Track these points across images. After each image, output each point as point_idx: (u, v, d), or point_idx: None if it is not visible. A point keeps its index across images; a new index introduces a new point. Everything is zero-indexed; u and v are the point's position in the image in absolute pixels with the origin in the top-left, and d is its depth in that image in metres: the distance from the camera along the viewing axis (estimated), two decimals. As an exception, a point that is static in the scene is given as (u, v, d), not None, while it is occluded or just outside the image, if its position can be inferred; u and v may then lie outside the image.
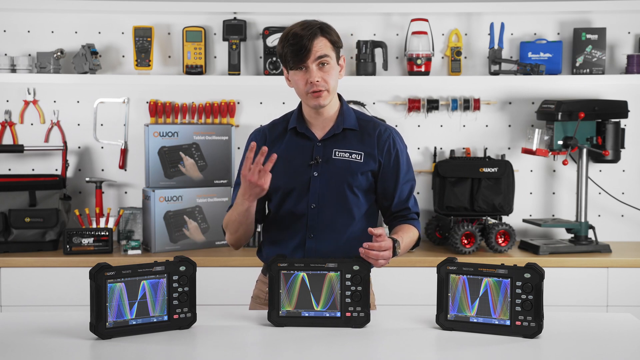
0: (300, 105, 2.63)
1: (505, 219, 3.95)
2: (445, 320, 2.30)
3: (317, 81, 2.47)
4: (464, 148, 4.02)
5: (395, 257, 2.42)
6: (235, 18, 3.90)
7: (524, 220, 3.96)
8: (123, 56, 3.98)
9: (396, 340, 2.23)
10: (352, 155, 2.57)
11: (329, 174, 2.55)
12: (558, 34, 4.00)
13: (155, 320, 2.27)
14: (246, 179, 2.41)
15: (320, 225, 2.55)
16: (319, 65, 2.48)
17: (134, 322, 2.25)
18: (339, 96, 2.62)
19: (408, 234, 2.54)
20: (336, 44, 2.52)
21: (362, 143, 2.58)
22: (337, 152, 2.57)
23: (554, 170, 4.06)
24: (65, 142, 3.94)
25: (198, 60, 3.87)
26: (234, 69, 3.89)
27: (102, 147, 4.01)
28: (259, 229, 3.79)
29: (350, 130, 2.59)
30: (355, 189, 2.56)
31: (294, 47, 2.45)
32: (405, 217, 2.63)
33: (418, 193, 2.64)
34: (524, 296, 2.23)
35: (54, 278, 3.57)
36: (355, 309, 2.31)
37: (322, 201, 2.55)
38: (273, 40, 3.85)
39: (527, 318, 2.23)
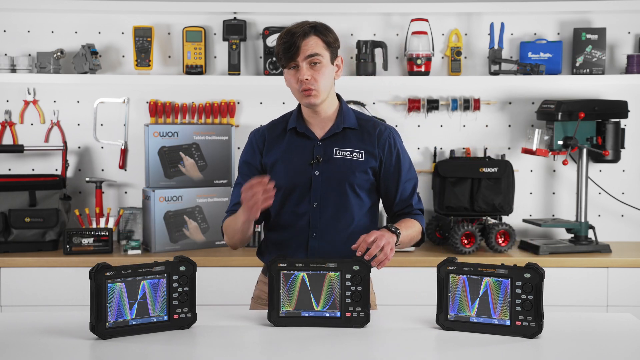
0: (299, 105, 2.64)
1: (505, 219, 3.95)
2: (445, 320, 2.30)
3: (307, 79, 2.49)
4: (464, 148, 4.02)
5: (398, 245, 2.45)
6: (235, 18, 3.90)
7: (524, 220, 3.96)
8: (123, 56, 3.97)
9: (396, 340, 2.23)
10: (353, 154, 2.58)
11: (331, 173, 2.56)
12: (558, 34, 4.00)
13: (155, 320, 2.27)
14: (249, 202, 2.39)
15: (323, 224, 2.56)
16: (310, 64, 2.49)
17: (134, 322, 2.24)
18: (338, 96, 2.64)
19: (407, 224, 2.56)
20: (330, 44, 2.53)
21: (362, 142, 2.59)
22: (337, 151, 2.58)
23: (554, 170, 4.06)
24: (65, 142, 3.93)
25: (198, 60, 3.87)
26: (234, 69, 3.88)
27: (102, 147, 4.01)
28: (258, 229, 3.82)
29: (350, 129, 2.60)
30: (356, 188, 2.58)
31: (285, 45, 2.48)
32: (408, 213, 2.64)
33: (418, 193, 2.66)
34: (524, 296, 2.23)
35: (54, 278, 3.56)
36: (355, 309, 2.31)
37: (324, 200, 2.56)
38: (273, 40, 3.85)
39: (527, 318, 2.23)
